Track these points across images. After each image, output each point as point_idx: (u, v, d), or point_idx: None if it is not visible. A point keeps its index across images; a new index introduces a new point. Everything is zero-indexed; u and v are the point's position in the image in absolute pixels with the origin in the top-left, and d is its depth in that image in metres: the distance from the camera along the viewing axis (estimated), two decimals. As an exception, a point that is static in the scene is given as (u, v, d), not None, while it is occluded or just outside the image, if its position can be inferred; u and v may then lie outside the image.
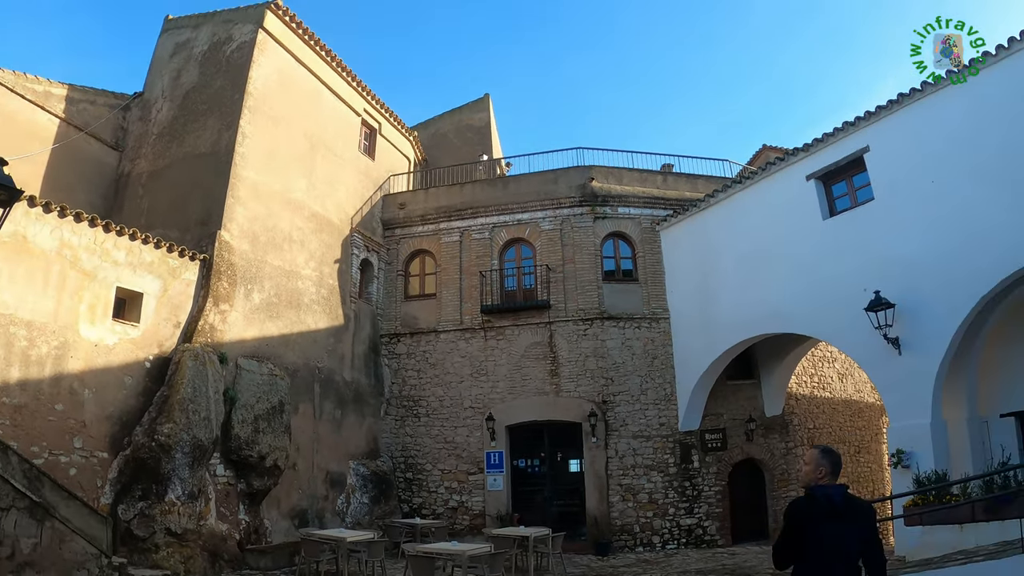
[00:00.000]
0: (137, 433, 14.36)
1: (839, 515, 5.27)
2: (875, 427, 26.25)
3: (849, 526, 5.26)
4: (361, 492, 20.64)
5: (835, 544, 5.22)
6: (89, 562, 11.79)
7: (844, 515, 5.27)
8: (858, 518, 5.36)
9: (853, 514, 5.34)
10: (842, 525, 5.24)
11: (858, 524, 5.33)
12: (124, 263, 14.87)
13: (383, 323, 23.37)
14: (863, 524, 5.36)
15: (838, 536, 5.22)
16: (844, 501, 5.34)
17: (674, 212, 22.09)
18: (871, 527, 5.41)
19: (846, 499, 5.36)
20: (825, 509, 5.29)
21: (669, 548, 20.16)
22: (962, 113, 14.64)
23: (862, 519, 5.38)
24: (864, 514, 5.43)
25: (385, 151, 24.96)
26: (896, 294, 15.31)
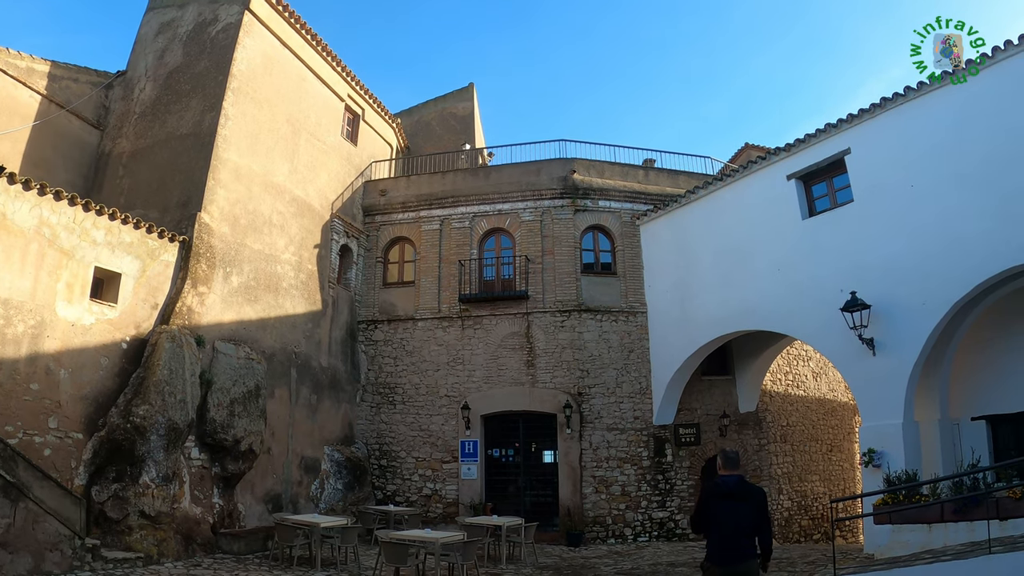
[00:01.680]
0: (112, 414, 14.27)
1: (733, 496, 7.29)
2: (848, 426, 26.51)
3: (742, 504, 7.27)
4: (335, 478, 20.65)
5: (731, 517, 7.24)
6: (62, 543, 11.80)
7: (736, 496, 7.29)
8: (749, 499, 7.34)
9: (744, 496, 7.32)
10: (736, 503, 7.26)
11: (749, 504, 7.30)
12: (103, 243, 14.76)
13: (361, 309, 23.36)
14: (753, 504, 7.33)
15: (733, 511, 7.24)
16: (737, 486, 7.37)
17: (655, 207, 22.16)
18: (761, 506, 7.40)
19: (740, 485, 7.40)
20: (723, 491, 7.35)
21: (641, 540, 20.30)
22: (943, 119, 14.82)
23: (753, 500, 7.36)
24: (755, 496, 7.43)
25: (368, 137, 24.89)
26: (872, 295, 15.49)
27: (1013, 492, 12.20)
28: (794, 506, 23.31)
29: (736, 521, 7.21)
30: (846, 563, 14.12)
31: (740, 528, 7.19)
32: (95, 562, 12.35)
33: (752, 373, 22.72)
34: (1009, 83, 13.83)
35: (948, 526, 12.98)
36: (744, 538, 7.22)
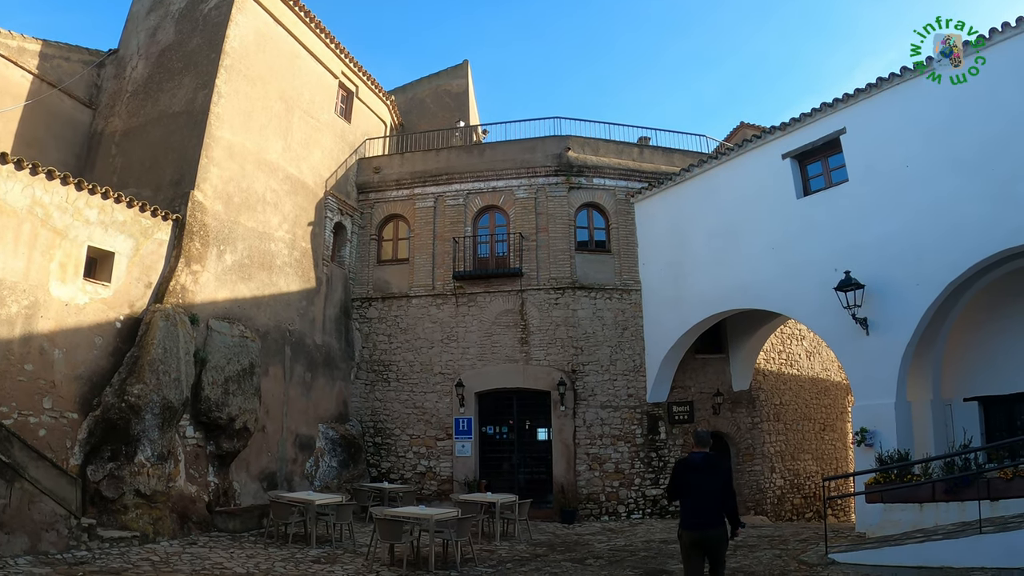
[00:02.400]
0: (107, 394, 14.28)
1: (701, 470, 8.59)
2: (840, 406, 26.63)
3: (709, 476, 8.54)
4: (330, 456, 20.71)
5: (700, 487, 8.48)
6: (58, 523, 11.82)
7: (704, 470, 8.58)
8: (715, 472, 8.67)
9: (711, 470, 8.63)
10: (704, 476, 8.53)
11: (715, 476, 8.62)
12: (96, 222, 14.71)
13: (355, 287, 23.33)
14: (719, 476, 8.69)
15: (702, 482, 8.49)
16: (704, 461, 8.68)
17: (649, 185, 22.14)
18: (726, 478, 8.85)
19: (706, 460, 8.72)
20: (693, 466, 8.68)
21: (634, 518, 20.40)
22: (939, 100, 14.76)
23: (719, 473, 8.73)
24: (721, 470, 8.83)
25: (362, 115, 24.75)
26: (866, 275, 15.54)
27: (1004, 473, 12.32)
28: (786, 484, 23.43)
29: (704, 492, 8.47)
30: (838, 541, 14.19)
31: (708, 498, 8.44)
32: (91, 541, 12.42)
33: (746, 352, 22.80)
34: (1006, 65, 13.78)
35: (939, 506, 13.11)
36: (712, 507, 8.42)
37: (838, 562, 12.30)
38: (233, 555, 13.43)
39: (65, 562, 11.34)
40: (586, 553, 14.92)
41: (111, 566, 11.46)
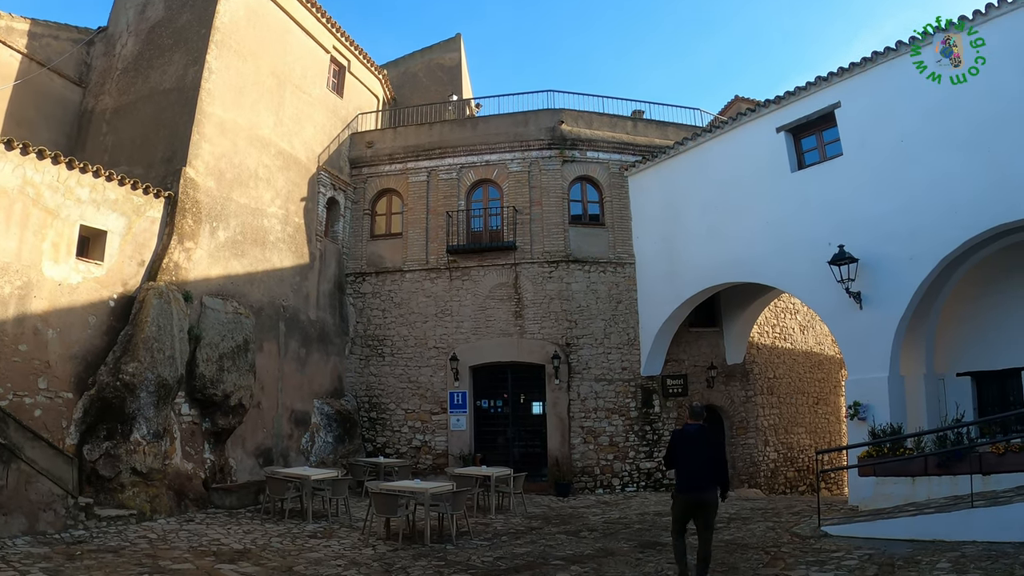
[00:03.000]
0: (102, 373, 14.32)
1: (694, 441, 9.45)
2: (834, 380, 26.74)
3: (701, 447, 9.40)
4: (325, 431, 20.77)
5: (693, 458, 9.33)
6: (55, 503, 11.86)
7: (697, 441, 9.44)
8: (707, 443, 9.50)
9: (704, 441, 9.48)
10: (697, 446, 9.39)
11: (707, 446, 9.46)
12: (88, 201, 14.64)
13: (349, 262, 23.29)
14: (711, 446, 9.54)
15: (695, 453, 9.34)
16: (698, 433, 9.54)
17: (643, 158, 22.05)
18: (718, 449, 9.88)
19: (699, 432, 9.57)
20: (687, 437, 9.54)
21: (628, 491, 20.54)
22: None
23: (711, 444, 9.58)
24: (712, 441, 9.68)
25: (354, 89, 24.57)
26: (860, 249, 15.55)
27: (996, 448, 12.39)
28: (780, 458, 23.58)
29: (697, 461, 9.32)
30: (830, 514, 14.31)
31: (700, 466, 9.30)
32: (88, 520, 12.48)
33: (739, 325, 22.87)
34: (1000, 41, 13.73)
35: (931, 479, 13.19)
36: (704, 474, 9.29)
37: (831, 535, 12.38)
38: (230, 531, 13.50)
39: (63, 541, 11.38)
40: (581, 525, 15.01)
41: (109, 544, 11.50)
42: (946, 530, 11.00)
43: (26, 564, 9.65)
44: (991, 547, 10.11)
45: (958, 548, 10.32)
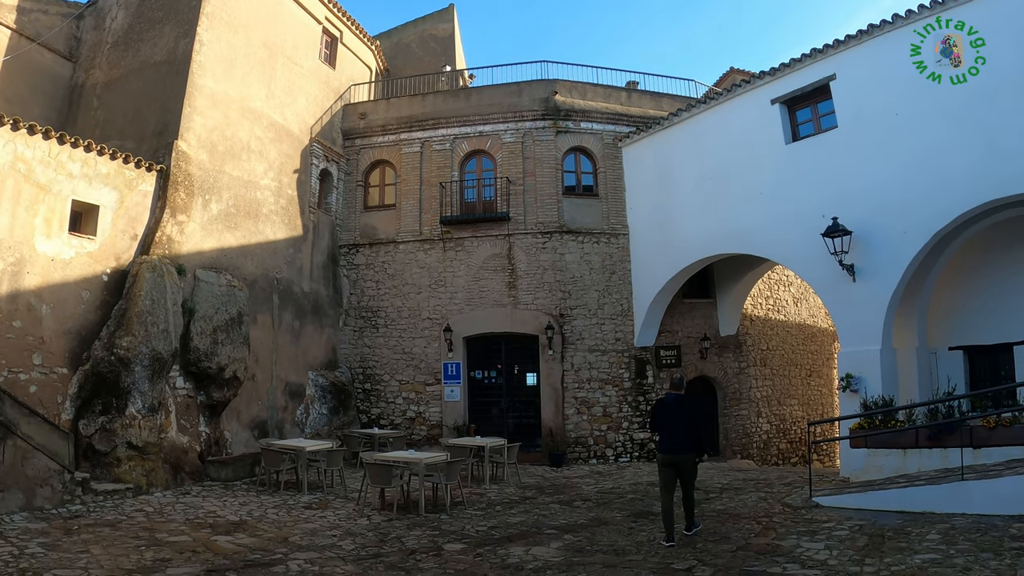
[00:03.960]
0: (96, 347, 14.33)
1: (673, 408, 10.70)
2: (827, 352, 26.86)
3: (679, 413, 10.60)
4: (320, 403, 20.84)
5: (671, 423, 10.58)
6: (52, 478, 11.90)
7: (675, 408, 10.67)
8: (684, 410, 10.64)
9: (681, 409, 10.65)
10: (675, 413, 10.62)
11: (684, 414, 10.60)
12: (79, 175, 14.57)
13: (342, 234, 23.25)
14: (688, 414, 10.63)
15: (673, 419, 10.57)
16: (676, 402, 10.76)
17: (637, 129, 21.97)
18: (695, 417, 10.70)
19: (678, 401, 10.78)
20: (666, 405, 10.84)
21: (622, 461, 20.67)
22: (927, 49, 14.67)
23: (688, 412, 10.66)
24: (689, 409, 10.72)
25: (346, 60, 24.36)
26: (854, 222, 15.58)
27: (987, 421, 12.48)
28: (772, 429, 23.73)
29: (674, 426, 10.56)
30: (822, 485, 14.43)
31: (678, 430, 10.53)
32: (85, 495, 12.52)
33: (733, 297, 22.93)
34: (992, 15, 13.74)
35: (922, 452, 13.31)
36: (680, 437, 10.51)
37: (822, 505, 12.50)
38: (226, 503, 13.58)
39: (60, 516, 11.43)
40: (574, 495, 15.13)
41: (106, 518, 11.56)
42: (936, 502, 11.11)
43: (24, 539, 9.70)
44: (981, 519, 10.22)
45: (948, 520, 10.43)
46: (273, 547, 10.09)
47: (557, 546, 10.29)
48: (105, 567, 8.51)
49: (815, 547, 9.51)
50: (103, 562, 8.74)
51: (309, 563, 9.15)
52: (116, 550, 9.44)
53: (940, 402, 13.68)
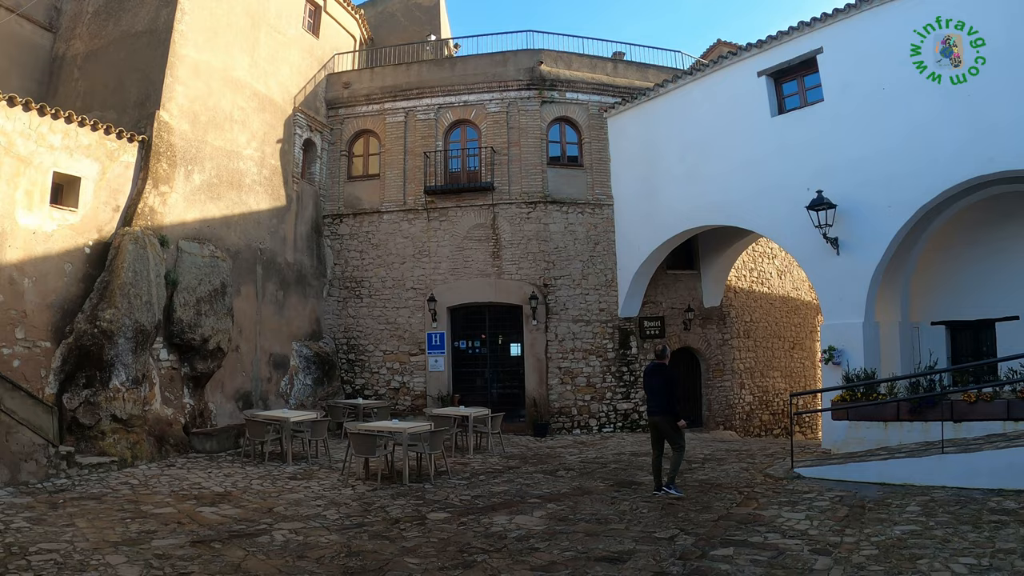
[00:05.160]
0: (79, 320, 14.26)
1: (652, 374, 12.06)
2: (810, 325, 27.05)
3: (656, 379, 11.88)
4: (304, 373, 20.84)
5: (650, 387, 12.05)
6: (37, 452, 11.89)
7: (654, 375, 12.00)
8: (661, 376, 11.85)
9: (658, 375, 11.91)
10: (653, 379, 11.95)
11: (660, 379, 11.82)
12: (60, 147, 14.42)
13: (326, 204, 23.16)
14: (662, 380, 11.80)
15: (650, 385, 12.01)
16: (654, 368, 12.10)
17: (623, 100, 21.91)
18: (668, 382, 11.77)
19: (656, 367, 12.10)
20: (648, 372, 12.27)
21: (605, 431, 20.80)
22: (917, 25, 14.68)
23: (663, 377, 11.82)
24: (664, 375, 11.85)
25: (330, 29, 24.07)
26: (838, 195, 15.63)
27: (968, 396, 12.60)
28: (755, 401, 23.91)
29: (654, 391, 11.92)
30: (803, 456, 14.60)
31: (656, 395, 11.86)
32: (70, 469, 12.52)
33: (717, 268, 23.02)
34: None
35: (903, 425, 13.42)
36: (656, 401, 11.83)
37: (803, 476, 12.65)
38: (211, 475, 13.61)
39: (45, 491, 11.44)
40: (558, 465, 15.23)
41: (91, 492, 11.58)
42: (916, 475, 11.27)
43: (9, 514, 9.70)
44: (960, 492, 10.37)
45: (928, 492, 10.57)
46: (258, 518, 10.13)
47: (540, 515, 10.37)
48: (91, 540, 8.53)
49: (796, 517, 9.63)
50: (89, 535, 8.75)
51: (294, 533, 9.19)
52: (102, 523, 9.46)
53: (922, 376, 13.78)
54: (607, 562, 7.84)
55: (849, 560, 7.51)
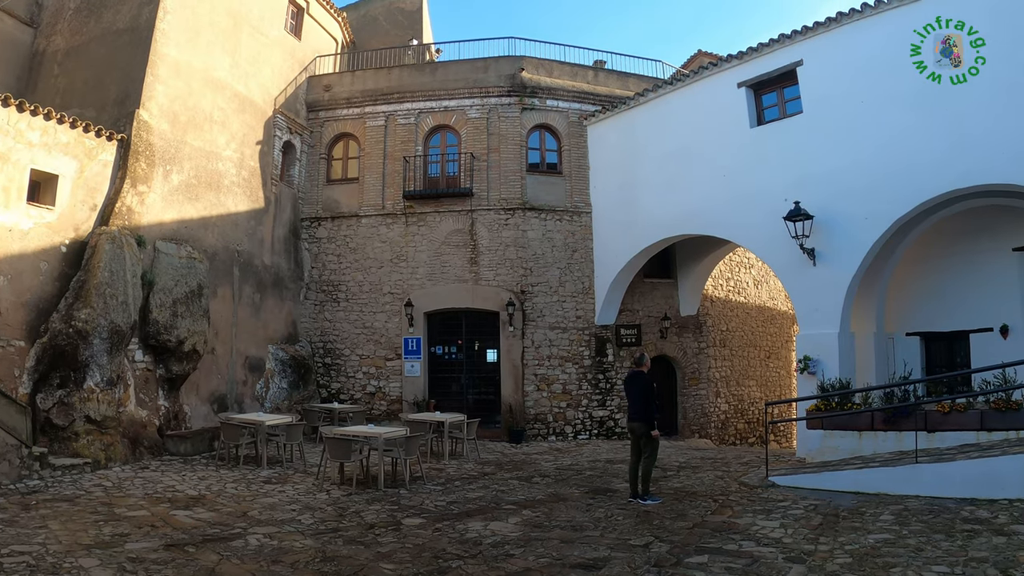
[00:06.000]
0: (54, 320, 14.12)
1: (628, 382, 12.44)
2: (786, 334, 27.21)
3: (632, 387, 12.21)
4: (280, 377, 20.76)
5: (629, 395, 12.40)
6: (9, 453, 11.78)
7: (630, 382, 12.35)
8: (637, 384, 12.09)
9: (634, 382, 12.20)
10: (630, 386, 12.32)
11: (636, 387, 12.07)
12: (39, 144, 14.28)
13: (304, 207, 23.08)
14: (639, 387, 12.03)
15: (630, 392, 12.33)
16: (632, 376, 12.37)
17: (603, 108, 21.98)
18: (644, 390, 11.96)
19: (633, 375, 12.39)
20: (626, 379, 12.65)
21: (581, 438, 20.82)
22: (897, 39, 14.89)
23: (639, 385, 12.05)
24: (640, 383, 12.05)
25: (312, 32, 23.99)
26: (816, 207, 15.77)
27: (942, 406, 12.75)
28: (731, 409, 24.03)
29: (631, 398, 12.30)
30: (778, 465, 14.68)
31: (632, 402, 12.23)
32: (43, 470, 12.42)
33: (694, 278, 23.14)
34: (961, 8, 13.97)
35: (878, 434, 13.55)
36: (633, 407, 12.21)
37: (778, 484, 12.71)
38: (185, 478, 13.52)
39: (18, 492, 11.33)
40: (533, 471, 15.25)
41: (64, 493, 11.48)
42: (890, 484, 11.38)
43: (-20, 514, 9.63)
44: (933, 502, 10.47)
45: (901, 501, 10.67)
46: (232, 521, 10.09)
47: (515, 521, 10.38)
48: (64, 542, 8.46)
49: (770, 525, 9.68)
50: (61, 537, 8.69)
51: (268, 537, 9.16)
52: (74, 525, 9.39)
53: (896, 386, 13.90)
54: (582, 569, 7.87)
55: (823, 568, 7.57)
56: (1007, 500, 10.16)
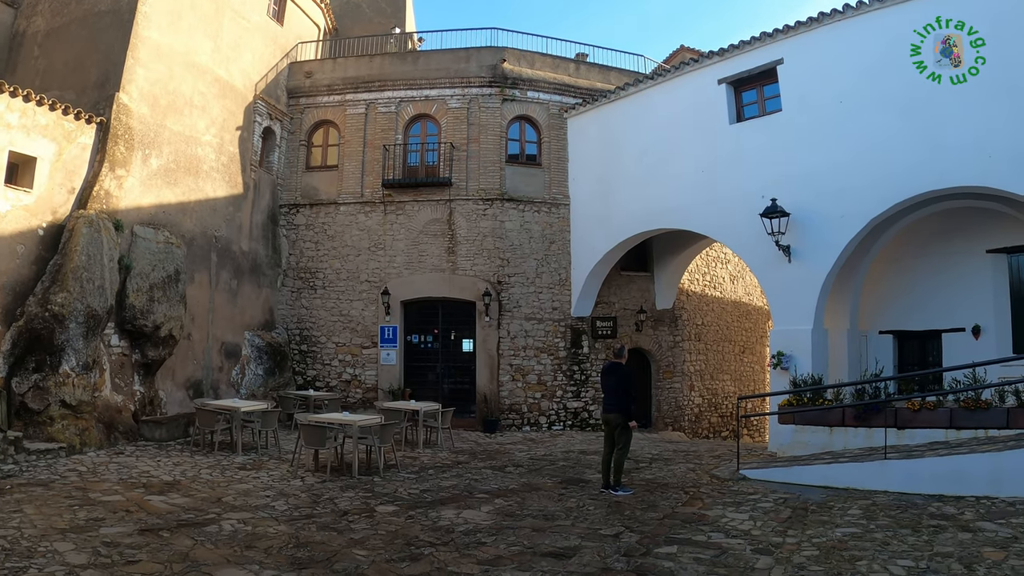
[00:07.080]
0: (30, 303, 14.07)
1: (606, 373, 12.55)
2: (761, 330, 27.42)
3: (610, 378, 12.34)
4: (256, 363, 20.74)
5: (606, 386, 12.53)
6: (-17, 437, 11.74)
7: (608, 374, 12.46)
8: (614, 376, 12.23)
9: (612, 374, 12.33)
10: (607, 377, 12.44)
11: (613, 379, 12.22)
12: (17, 126, 14.18)
13: (283, 193, 23.02)
14: (616, 379, 12.18)
15: (607, 383, 12.45)
16: (609, 367, 12.52)
17: (584, 101, 22.04)
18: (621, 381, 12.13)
19: (611, 366, 12.49)
20: (603, 371, 12.80)
21: (555, 429, 20.96)
22: (876, 40, 15.06)
23: (616, 377, 12.19)
24: (618, 375, 12.21)
25: (295, 17, 23.88)
26: (792, 204, 15.89)
27: (912, 404, 12.96)
28: (705, 403, 24.20)
29: (608, 389, 12.39)
30: (750, 459, 14.85)
31: (609, 393, 12.33)
32: (18, 455, 12.40)
33: (670, 271, 23.24)
34: (939, 12, 14.14)
35: (848, 430, 13.77)
36: (610, 399, 12.34)
37: (748, 478, 12.87)
38: (160, 463, 13.52)
39: (-8, 475, 11.35)
40: (507, 461, 15.37)
41: (39, 478, 11.47)
42: (860, 479, 11.58)
43: (-46, 497, 9.63)
44: (901, 497, 10.66)
45: (870, 497, 10.86)
46: (206, 507, 10.13)
47: (488, 510, 10.49)
48: (38, 527, 8.48)
49: (740, 517, 9.84)
50: (36, 522, 8.70)
51: (242, 523, 9.21)
52: (49, 510, 9.41)
53: (867, 383, 14.10)
54: (553, 557, 7.97)
55: (790, 560, 7.71)
56: (974, 497, 10.36)
